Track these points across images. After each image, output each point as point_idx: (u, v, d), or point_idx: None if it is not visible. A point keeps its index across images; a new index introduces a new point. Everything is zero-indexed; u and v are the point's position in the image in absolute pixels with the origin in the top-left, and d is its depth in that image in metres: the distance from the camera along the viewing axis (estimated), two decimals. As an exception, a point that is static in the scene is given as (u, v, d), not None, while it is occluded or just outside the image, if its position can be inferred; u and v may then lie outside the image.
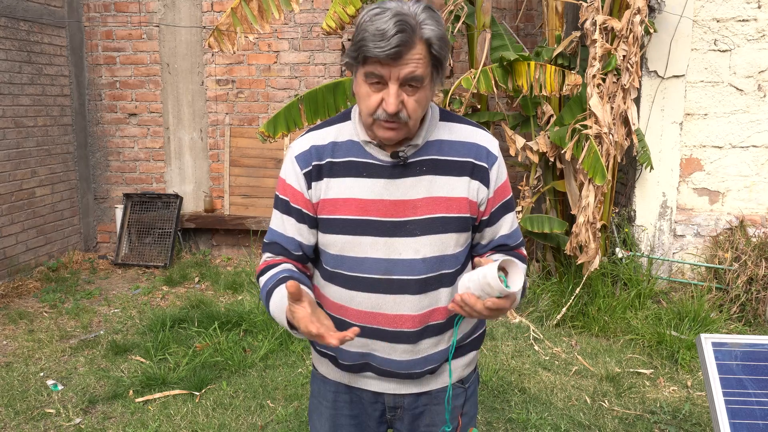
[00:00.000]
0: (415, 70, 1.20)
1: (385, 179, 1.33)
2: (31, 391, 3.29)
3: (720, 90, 4.44)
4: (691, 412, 3.12)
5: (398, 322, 1.35)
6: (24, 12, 5.17)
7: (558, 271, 4.63)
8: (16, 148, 5.09)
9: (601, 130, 3.98)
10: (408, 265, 1.33)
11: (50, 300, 4.70)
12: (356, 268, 1.35)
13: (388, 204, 1.32)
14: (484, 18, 4.61)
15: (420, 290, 1.35)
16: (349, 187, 1.33)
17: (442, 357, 1.42)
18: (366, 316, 1.36)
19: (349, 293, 1.37)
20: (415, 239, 1.33)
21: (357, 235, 1.33)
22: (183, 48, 5.86)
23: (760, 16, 4.33)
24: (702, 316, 3.97)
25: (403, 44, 1.16)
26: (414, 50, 1.19)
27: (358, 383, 1.45)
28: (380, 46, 1.16)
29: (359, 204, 1.33)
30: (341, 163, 1.35)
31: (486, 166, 1.37)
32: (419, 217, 1.33)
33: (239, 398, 3.23)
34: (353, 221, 1.33)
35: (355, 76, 1.28)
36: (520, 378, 3.43)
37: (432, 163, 1.34)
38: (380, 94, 1.23)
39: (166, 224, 5.84)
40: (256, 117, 5.86)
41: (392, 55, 1.17)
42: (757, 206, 4.52)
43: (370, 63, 1.21)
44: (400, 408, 1.46)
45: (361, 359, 1.40)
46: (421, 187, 1.33)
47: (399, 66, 1.19)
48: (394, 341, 1.37)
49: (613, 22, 4.04)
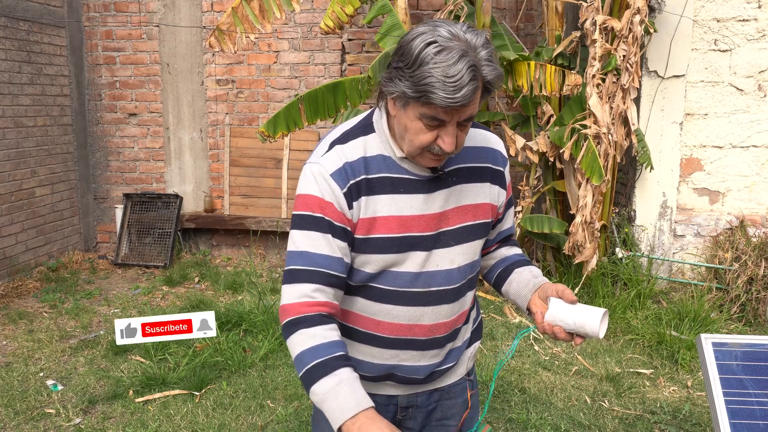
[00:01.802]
0: (473, 112, 1.17)
1: (424, 194, 1.29)
2: (30, 391, 3.29)
3: (720, 90, 4.44)
4: (691, 412, 3.12)
5: (434, 330, 1.37)
6: (24, 12, 5.16)
7: (558, 271, 4.63)
8: (16, 148, 5.09)
9: (600, 130, 3.98)
10: (446, 275, 1.34)
11: (50, 300, 4.70)
12: (395, 283, 1.31)
13: (428, 218, 1.30)
14: (484, 18, 4.61)
15: (455, 298, 1.37)
16: (387, 204, 1.27)
17: (460, 353, 1.48)
18: (402, 329, 1.35)
19: (385, 307, 1.33)
20: (450, 249, 1.33)
21: (400, 252, 1.29)
22: (183, 48, 5.86)
23: (760, 15, 4.33)
24: (702, 316, 3.97)
25: (472, 93, 1.11)
26: (476, 94, 1.13)
27: (373, 389, 1.43)
28: (454, 98, 1.09)
29: (400, 221, 1.28)
30: (376, 180, 1.27)
31: (502, 170, 1.41)
32: (452, 227, 1.33)
33: (239, 398, 3.23)
34: (396, 239, 1.28)
35: (404, 108, 1.19)
36: (520, 378, 3.42)
37: (459, 172, 1.34)
38: (435, 131, 1.17)
39: (166, 224, 5.84)
40: (256, 117, 5.86)
41: (463, 101, 1.10)
42: (758, 206, 4.52)
43: (432, 107, 1.13)
44: (413, 407, 1.47)
45: (387, 371, 1.40)
46: (453, 198, 1.33)
47: (461, 110, 1.14)
48: (426, 348, 1.38)
49: (613, 22, 4.04)
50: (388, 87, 1.18)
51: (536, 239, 4.78)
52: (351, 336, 1.38)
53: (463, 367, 1.51)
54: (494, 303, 4.48)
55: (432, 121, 1.15)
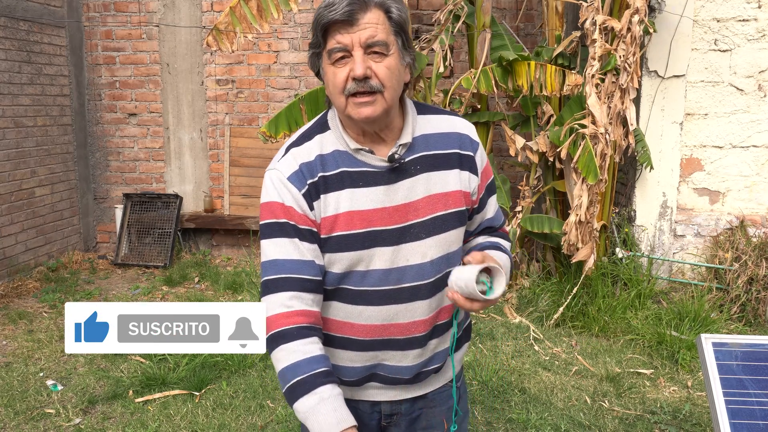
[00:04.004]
0: (375, 34, 1.18)
1: (384, 185, 1.26)
2: (30, 392, 3.29)
3: (720, 90, 4.44)
4: (692, 413, 3.11)
5: (411, 329, 1.32)
6: (24, 12, 5.16)
7: (558, 271, 4.63)
8: (16, 148, 5.09)
9: (597, 130, 3.98)
10: (418, 270, 1.29)
11: (50, 300, 4.70)
12: (364, 282, 1.28)
13: (391, 211, 1.26)
14: (484, 18, 4.61)
15: (430, 294, 1.32)
16: (347, 200, 1.25)
17: (446, 354, 1.41)
18: (378, 330, 1.31)
19: (357, 309, 1.30)
20: (421, 242, 1.29)
21: (365, 249, 1.26)
22: (183, 48, 5.86)
23: (761, 15, 4.33)
24: (702, 316, 3.96)
25: (355, 3, 1.16)
26: (369, 14, 1.18)
27: (358, 395, 1.41)
28: (333, 10, 1.16)
29: (362, 216, 1.25)
30: (333, 176, 1.26)
31: (471, 153, 1.35)
32: (422, 219, 1.29)
33: (239, 398, 3.23)
34: (359, 235, 1.25)
35: (323, 69, 1.25)
36: (520, 378, 3.42)
37: (423, 160, 1.30)
38: (347, 67, 1.19)
39: (165, 224, 5.84)
40: (256, 117, 5.86)
41: (346, 15, 1.16)
42: (758, 206, 4.52)
43: (330, 36, 1.19)
44: (397, 414, 1.44)
45: (368, 372, 1.37)
46: (419, 187, 1.29)
47: (358, 31, 1.17)
48: (406, 348, 1.33)
49: (612, 22, 4.04)
50: (313, 66, 1.27)
51: (536, 239, 4.78)
52: (328, 342, 1.34)
53: (450, 371, 1.46)
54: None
55: (337, 54, 1.19)
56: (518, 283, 4.71)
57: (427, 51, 4.77)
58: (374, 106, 1.21)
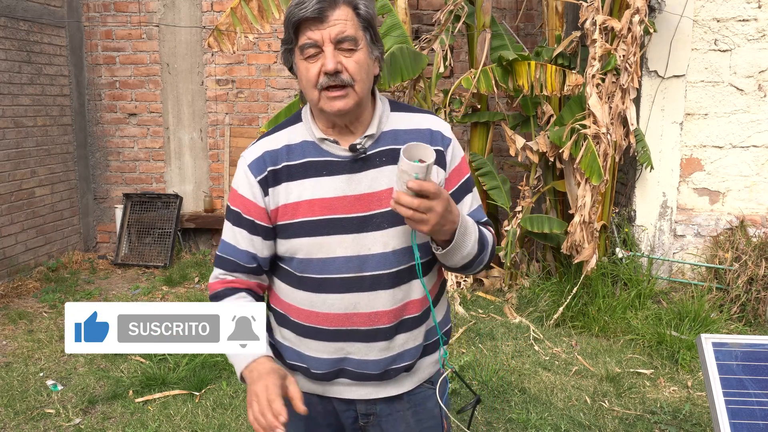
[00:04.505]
0: (344, 30, 1.24)
1: (347, 174, 1.31)
2: (30, 392, 3.29)
3: (720, 90, 4.44)
4: (692, 413, 3.12)
5: (374, 320, 1.33)
6: (24, 12, 5.16)
7: (558, 271, 4.63)
8: (16, 148, 5.09)
9: (599, 130, 3.98)
10: (379, 259, 1.32)
11: (50, 300, 4.70)
12: (326, 270, 1.32)
13: (352, 199, 1.30)
14: (484, 18, 4.61)
15: (393, 284, 1.33)
16: (310, 188, 1.31)
17: (417, 352, 1.41)
18: (341, 319, 1.33)
19: (320, 297, 1.33)
20: (384, 232, 1.31)
21: (324, 235, 1.30)
22: (183, 48, 5.86)
23: (761, 15, 4.33)
24: (702, 316, 3.97)
25: (323, 1, 1.22)
26: (338, 11, 1.23)
27: (330, 392, 1.42)
28: (303, 7, 1.22)
29: (323, 203, 1.30)
30: (298, 165, 1.33)
31: (441, 148, 1.37)
32: (385, 209, 1.31)
33: (239, 398, 3.23)
34: (319, 222, 1.30)
35: (296, 65, 1.31)
36: (520, 378, 3.42)
37: (390, 153, 1.33)
38: (318, 62, 1.25)
39: (165, 224, 5.84)
40: (256, 117, 5.86)
41: (316, 12, 1.21)
42: (758, 206, 4.52)
43: (301, 32, 1.25)
44: (373, 415, 1.44)
45: (336, 366, 1.37)
46: (384, 178, 1.32)
47: (327, 27, 1.23)
48: (370, 340, 1.35)
49: (612, 22, 4.04)
50: (286, 62, 1.33)
51: (536, 239, 4.78)
52: (297, 332, 1.38)
53: (425, 373, 1.45)
54: (494, 303, 4.48)
55: (308, 50, 1.25)
56: (518, 283, 4.71)
57: (427, 51, 4.77)
58: (346, 100, 1.26)
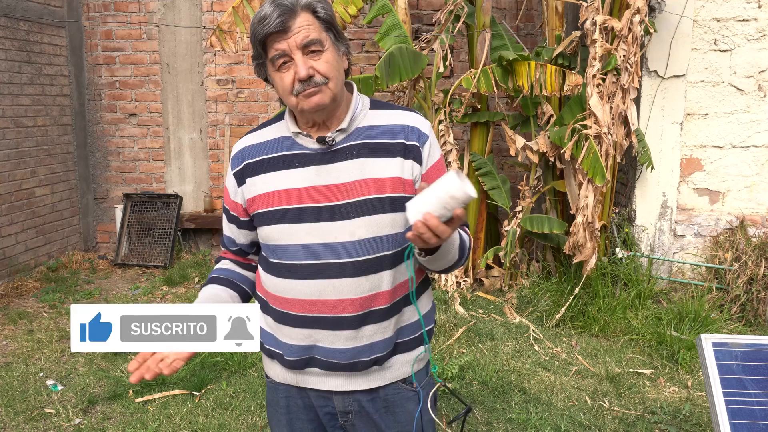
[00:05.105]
0: (309, 35, 1.30)
1: (316, 166, 1.38)
2: (30, 392, 3.29)
3: (720, 90, 4.44)
4: (692, 413, 3.12)
5: (339, 308, 1.36)
6: (24, 12, 5.16)
7: (558, 271, 4.63)
8: (16, 148, 5.09)
9: (600, 131, 3.98)
10: (344, 247, 1.35)
11: (50, 300, 4.70)
12: (293, 257, 1.38)
13: (320, 189, 1.36)
14: (484, 18, 4.61)
15: (359, 273, 1.35)
16: (282, 179, 1.39)
17: (388, 346, 1.41)
18: (307, 305, 1.38)
19: (289, 283, 1.39)
20: (350, 222, 1.35)
21: (291, 223, 1.37)
22: (183, 48, 5.86)
23: (761, 15, 4.33)
24: (702, 317, 3.96)
25: (284, 13, 1.28)
26: (299, 19, 1.30)
27: (305, 382, 1.45)
28: (266, 24, 1.29)
29: (292, 193, 1.38)
30: (274, 158, 1.41)
31: (417, 144, 1.40)
32: (352, 200, 1.35)
33: (239, 398, 3.23)
34: (286, 210, 1.38)
35: (270, 76, 1.38)
36: (520, 378, 3.42)
37: (362, 146, 1.38)
38: (291, 70, 1.32)
39: (165, 224, 5.84)
40: (256, 117, 5.86)
41: (278, 25, 1.28)
42: (758, 206, 4.52)
43: (268, 46, 1.32)
44: (351, 413, 1.45)
45: (306, 353, 1.41)
46: (354, 171, 1.36)
47: (292, 36, 1.29)
48: (336, 328, 1.37)
49: (612, 22, 4.04)
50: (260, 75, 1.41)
51: (536, 239, 4.78)
52: (275, 318, 1.45)
53: (401, 371, 1.45)
54: (494, 303, 4.48)
55: (279, 60, 1.32)
56: (518, 283, 4.71)
57: (427, 51, 4.77)
58: (322, 94, 1.33)
